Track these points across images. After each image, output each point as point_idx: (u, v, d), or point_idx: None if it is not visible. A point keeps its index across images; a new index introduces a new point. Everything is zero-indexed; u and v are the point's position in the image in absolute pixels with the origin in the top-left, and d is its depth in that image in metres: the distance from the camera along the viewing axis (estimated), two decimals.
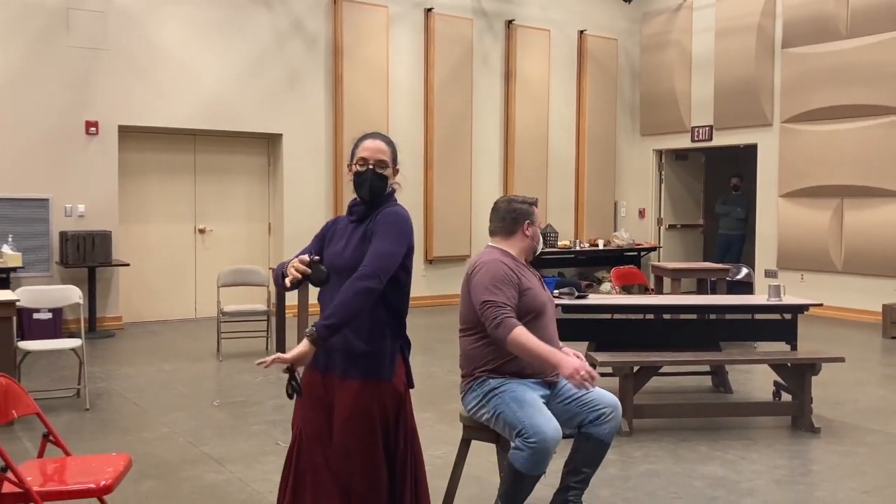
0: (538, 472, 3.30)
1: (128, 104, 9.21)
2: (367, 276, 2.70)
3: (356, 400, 2.77)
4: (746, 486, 4.27)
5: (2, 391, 3.21)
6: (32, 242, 8.74)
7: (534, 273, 3.71)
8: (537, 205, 3.80)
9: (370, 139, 2.97)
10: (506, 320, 3.38)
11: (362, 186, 2.91)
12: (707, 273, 9.32)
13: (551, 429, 3.26)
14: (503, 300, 3.44)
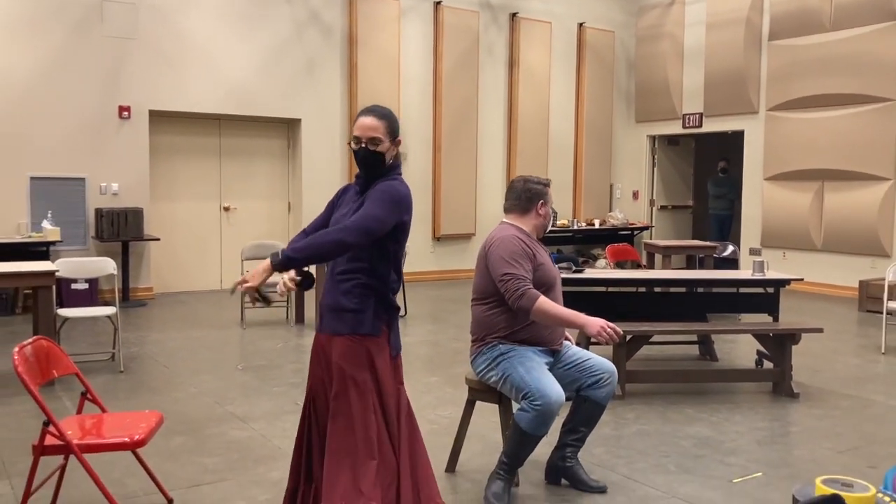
0: (541, 432, 3.32)
1: (158, 90, 9.20)
2: (346, 228, 2.61)
3: (345, 356, 2.70)
4: (730, 445, 4.28)
5: (43, 353, 3.23)
6: (70, 218, 8.76)
7: (545, 249, 3.70)
8: (550, 185, 3.76)
9: (362, 116, 2.82)
10: (528, 292, 3.38)
11: (358, 164, 2.82)
12: (696, 250, 9.30)
13: (555, 392, 3.27)
14: (522, 273, 3.43)
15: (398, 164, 2.88)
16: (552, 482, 3.68)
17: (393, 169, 2.84)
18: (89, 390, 3.40)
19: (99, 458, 3.71)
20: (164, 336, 7.08)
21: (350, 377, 2.68)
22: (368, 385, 2.70)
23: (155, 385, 5.42)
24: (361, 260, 2.74)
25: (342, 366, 2.70)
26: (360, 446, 2.68)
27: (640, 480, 3.74)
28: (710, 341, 6.43)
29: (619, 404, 5.01)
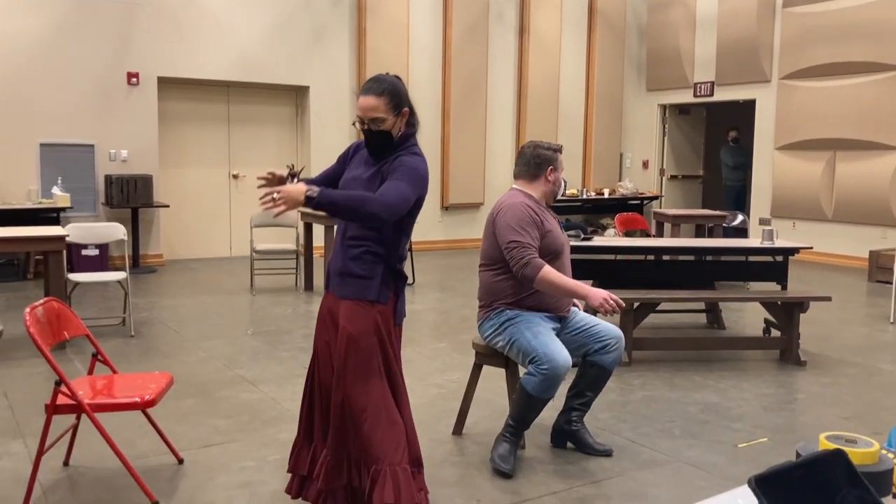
0: (548, 395, 3.34)
1: (166, 57, 9.16)
2: (384, 204, 2.56)
3: (350, 320, 2.69)
4: (737, 411, 4.30)
5: (54, 314, 3.26)
6: (80, 185, 8.78)
7: (554, 216, 3.68)
8: (561, 151, 3.72)
9: (363, 95, 2.72)
10: (532, 261, 3.37)
11: (368, 145, 2.78)
12: (705, 219, 9.26)
13: (562, 357, 3.28)
14: (528, 241, 3.41)
15: (410, 133, 2.80)
16: (557, 445, 3.70)
17: (406, 141, 2.77)
18: (100, 352, 3.43)
19: (110, 419, 3.75)
20: (175, 302, 7.13)
21: (355, 340, 2.69)
22: (374, 350, 2.70)
23: (165, 349, 5.47)
24: (373, 228, 2.73)
25: (348, 329, 2.70)
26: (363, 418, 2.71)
27: (646, 445, 3.76)
28: (717, 310, 6.43)
29: (626, 371, 5.03)
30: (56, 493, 3.15)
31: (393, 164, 2.70)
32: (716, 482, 3.28)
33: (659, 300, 5.39)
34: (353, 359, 2.69)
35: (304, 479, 2.85)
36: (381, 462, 2.62)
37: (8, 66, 8.33)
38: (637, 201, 12.40)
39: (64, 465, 3.42)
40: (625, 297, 5.18)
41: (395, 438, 2.67)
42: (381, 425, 2.66)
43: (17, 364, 4.99)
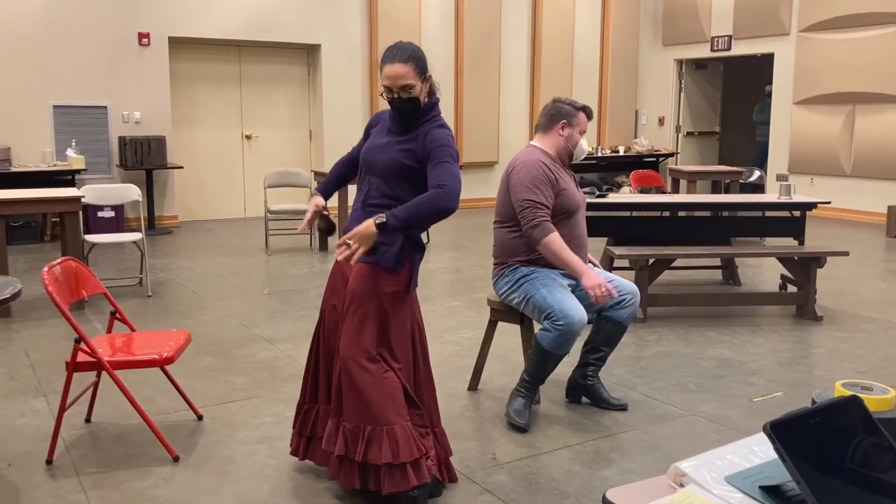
0: (563, 351, 3.35)
1: (177, 16, 9.10)
2: (445, 195, 2.55)
3: (362, 279, 2.68)
4: (752, 366, 4.30)
5: (72, 273, 3.29)
6: (94, 147, 8.80)
7: (570, 175, 3.64)
8: (588, 112, 3.62)
9: (389, 64, 2.65)
10: (543, 224, 3.35)
11: (397, 114, 2.72)
12: (721, 176, 9.17)
13: (578, 313, 3.28)
14: (541, 200, 3.39)
15: (435, 101, 2.76)
16: (573, 400, 3.73)
17: (432, 109, 2.74)
18: (118, 310, 3.47)
19: (130, 376, 3.81)
20: (191, 262, 7.18)
21: (358, 298, 2.66)
22: (373, 312, 2.66)
23: (183, 309, 5.52)
24: (394, 194, 2.71)
25: (353, 287, 2.69)
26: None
27: (660, 399, 3.78)
28: (733, 266, 6.40)
29: (641, 327, 5.04)
30: (78, 448, 3.21)
31: (427, 143, 2.67)
32: (730, 435, 3.30)
33: (674, 256, 5.37)
34: (350, 314, 2.67)
35: (309, 441, 2.88)
36: (377, 423, 2.58)
37: (20, 29, 8.31)
38: (653, 158, 12.29)
39: (86, 421, 3.48)
40: (639, 254, 5.18)
41: (391, 398, 2.62)
42: (377, 386, 2.61)
43: (36, 324, 5.06)
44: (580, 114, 3.60)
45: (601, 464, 3.08)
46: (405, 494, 2.57)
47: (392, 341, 2.71)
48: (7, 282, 2.93)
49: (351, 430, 2.62)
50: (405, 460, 2.56)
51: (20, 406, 3.67)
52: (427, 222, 2.61)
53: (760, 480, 1.22)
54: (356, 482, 2.63)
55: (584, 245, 3.58)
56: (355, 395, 2.62)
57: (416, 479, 2.57)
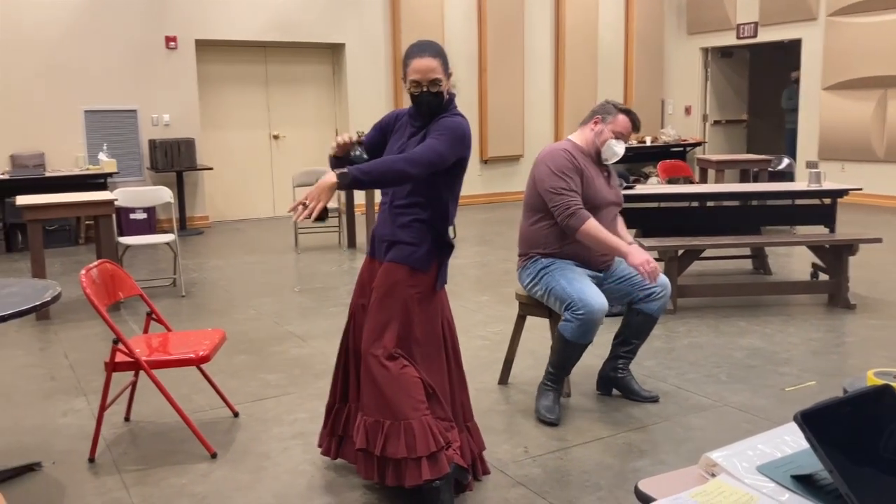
0: (585, 340, 3.35)
1: (203, 19, 9.20)
2: (410, 160, 2.54)
3: (389, 278, 2.70)
4: (784, 355, 4.27)
5: (108, 275, 3.35)
6: (125, 150, 8.94)
7: (602, 171, 3.59)
8: (631, 117, 3.58)
9: (419, 58, 2.66)
10: (578, 211, 3.35)
11: (419, 108, 2.72)
12: (750, 164, 9.08)
13: (598, 301, 3.28)
14: (572, 186, 3.39)
15: (453, 95, 2.79)
16: (604, 393, 3.73)
17: (451, 103, 2.77)
18: (154, 311, 3.53)
19: (167, 375, 3.88)
20: (222, 262, 7.27)
21: (386, 294, 2.68)
22: (396, 310, 2.68)
23: (216, 308, 5.60)
24: (421, 194, 2.72)
25: (379, 286, 2.71)
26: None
27: (692, 390, 3.77)
28: (763, 255, 6.35)
29: (671, 318, 5.02)
30: (119, 446, 3.29)
31: (431, 127, 2.70)
32: (762, 425, 3.28)
33: (703, 247, 5.34)
34: (375, 311, 2.69)
35: (341, 440, 2.91)
36: (395, 417, 2.59)
37: (50, 36, 8.45)
38: (680, 148, 12.20)
39: (125, 420, 3.55)
40: (668, 245, 5.16)
41: (408, 393, 2.62)
42: (394, 382, 2.63)
43: (74, 325, 5.16)
44: (619, 115, 3.56)
45: (633, 456, 3.08)
46: (428, 485, 2.59)
47: (417, 340, 2.73)
48: (46, 285, 3.00)
49: (371, 424, 2.65)
50: (422, 454, 2.56)
51: (62, 406, 3.75)
52: (388, 182, 2.59)
53: (792, 470, 1.23)
54: (374, 476, 2.67)
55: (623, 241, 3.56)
56: (374, 390, 2.65)
57: (431, 472, 2.56)
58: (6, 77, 8.31)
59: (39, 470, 3.07)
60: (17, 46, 8.31)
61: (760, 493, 1.16)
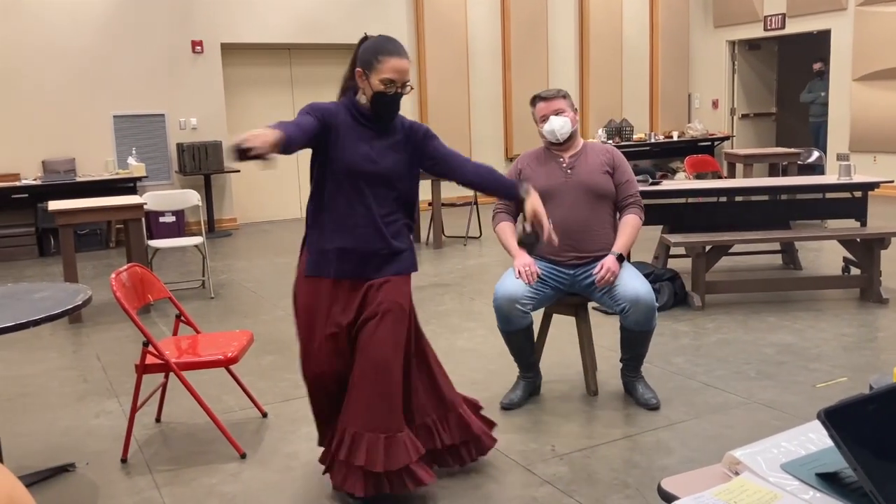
0: (505, 328, 3.48)
1: (228, 23, 9.29)
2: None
3: (400, 292, 2.66)
4: (815, 351, 4.22)
5: (138, 278, 3.41)
6: (153, 154, 9.06)
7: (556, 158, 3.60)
8: (533, 99, 3.66)
9: (396, 57, 2.59)
10: (496, 215, 3.66)
11: (385, 108, 2.63)
12: (778, 158, 8.98)
13: (501, 288, 3.43)
14: None
15: None
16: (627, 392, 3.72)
17: None
18: (183, 313, 3.58)
19: (196, 377, 3.93)
20: (250, 264, 7.34)
21: (402, 310, 2.67)
22: (408, 322, 2.72)
23: (244, 309, 5.66)
24: (406, 198, 2.74)
25: (396, 301, 2.64)
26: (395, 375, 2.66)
27: (720, 387, 3.74)
28: (793, 250, 6.28)
29: (699, 315, 4.99)
30: (150, 447, 3.34)
31: (437, 143, 2.80)
32: (792, 422, 3.25)
33: (730, 242, 5.30)
34: (391, 324, 2.62)
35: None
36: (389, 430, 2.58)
37: (79, 42, 8.59)
38: (707, 143, 12.09)
39: (156, 421, 3.61)
40: (695, 241, 5.12)
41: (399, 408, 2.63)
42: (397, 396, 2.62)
43: (105, 328, 5.25)
44: (538, 102, 3.64)
45: (661, 453, 3.07)
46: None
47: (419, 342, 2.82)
48: (78, 289, 3.06)
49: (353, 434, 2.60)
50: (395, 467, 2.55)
51: (94, 407, 3.82)
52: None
53: (817, 468, 1.22)
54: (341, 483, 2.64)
55: (561, 232, 3.31)
56: (378, 401, 2.59)
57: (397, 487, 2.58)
58: (37, 84, 8.45)
59: (73, 471, 3.13)
60: (47, 54, 8.46)
61: (784, 491, 1.16)
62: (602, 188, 3.54)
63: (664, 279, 5.21)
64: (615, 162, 3.62)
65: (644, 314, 3.38)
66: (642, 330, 3.43)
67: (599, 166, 3.58)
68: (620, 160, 3.65)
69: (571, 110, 3.60)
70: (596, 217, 3.53)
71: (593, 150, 3.64)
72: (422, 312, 5.36)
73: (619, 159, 3.65)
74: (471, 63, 10.78)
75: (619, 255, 3.47)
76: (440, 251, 7.65)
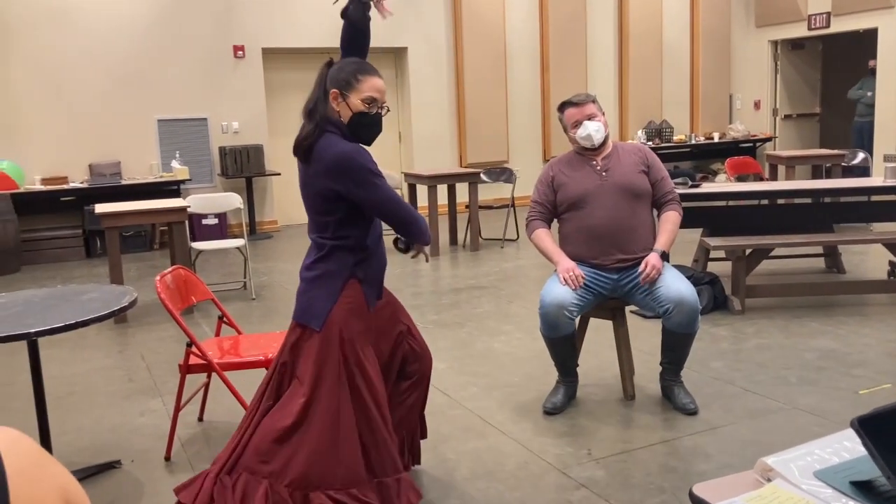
0: (550, 335, 3.47)
1: (269, 28, 9.43)
2: None
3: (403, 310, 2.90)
4: (857, 357, 4.16)
5: (182, 280, 3.49)
6: (196, 157, 9.23)
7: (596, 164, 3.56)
8: (562, 105, 3.67)
9: (376, 76, 2.60)
10: (530, 222, 3.68)
11: (371, 130, 2.62)
12: (822, 159, 8.83)
13: (549, 295, 3.41)
14: (536, 198, 3.66)
15: None
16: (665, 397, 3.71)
17: None
18: (225, 314, 3.66)
19: (239, 377, 4.00)
20: (291, 265, 7.43)
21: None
22: None
23: (285, 310, 5.74)
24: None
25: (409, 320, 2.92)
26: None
27: (760, 392, 3.71)
28: (836, 253, 6.18)
29: (739, 319, 4.94)
30: (193, 445, 3.42)
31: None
32: (833, 429, 3.19)
33: (771, 246, 5.24)
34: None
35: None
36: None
37: (125, 48, 8.79)
38: (749, 144, 11.93)
39: (198, 420, 3.69)
40: (735, 245, 5.07)
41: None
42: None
43: (150, 328, 5.37)
44: (561, 110, 3.67)
45: (698, 459, 3.06)
46: None
47: None
48: (124, 291, 3.15)
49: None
50: None
51: (139, 406, 3.92)
52: None
53: (851, 476, 1.22)
54: None
55: (603, 236, 3.45)
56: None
57: None
58: (84, 89, 8.67)
59: (119, 468, 3.22)
60: (94, 60, 8.67)
61: (817, 499, 1.16)
62: (639, 187, 3.54)
63: (703, 283, 5.17)
64: (648, 160, 3.62)
65: (688, 316, 3.37)
66: (685, 332, 3.42)
67: (633, 166, 3.58)
68: (653, 158, 3.65)
69: (601, 114, 3.62)
70: (636, 217, 3.52)
71: (625, 151, 3.64)
72: (459, 314, 5.39)
73: (651, 157, 3.64)
74: (509, 65, 10.78)
75: (662, 251, 3.47)
76: (477, 254, 7.67)
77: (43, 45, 8.45)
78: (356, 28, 2.75)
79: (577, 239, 3.55)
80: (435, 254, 7.66)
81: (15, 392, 4.20)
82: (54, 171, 8.58)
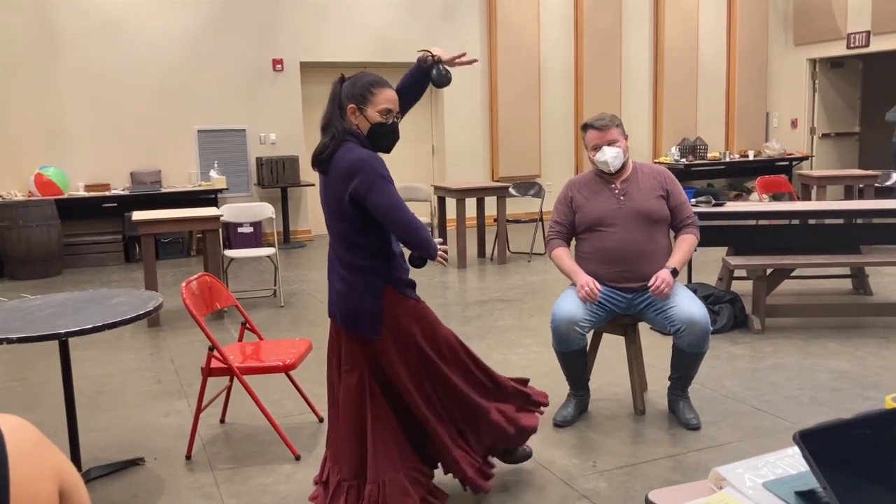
0: (562, 348, 3.54)
1: (307, 42, 9.65)
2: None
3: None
4: (872, 379, 4.15)
5: (207, 287, 3.64)
6: (234, 167, 9.47)
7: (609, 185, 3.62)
8: (585, 127, 3.70)
9: (389, 88, 2.76)
10: (550, 241, 3.75)
11: (390, 138, 2.76)
12: (854, 180, 8.75)
13: (560, 310, 3.48)
14: (555, 218, 3.74)
15: None
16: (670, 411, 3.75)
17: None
18: (247, 320, 3.80)
19: (261, 381, 4.15)
20: (321, 275, 7.59)
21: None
22: None
23: (312, 318, 5.88)
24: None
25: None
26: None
27: (769, 412, 3.73)
28: (863, 275, 6.14)
29: (757, 338, 4.95)
30: (213, 446, 3.56)
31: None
32: None
33: (792, 266, 5.24)
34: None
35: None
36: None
37: (167, 60, 9.07)
38: (785, 162, 11.84)
39: (220, 422, 3.83)
40: (756, 264, 5.09)
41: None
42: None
43: (181, 332, 5.55)
44: (586, 131, 3.69)
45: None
46: None
47: None
48: (151, 296, 3.30)
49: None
50: None
51: (165, 407, 4.08)
52: None
53: (797, 486, 1.29)
54: None
55: (619, 259, 3.53)
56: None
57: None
58: (128, 100, 8.97)
59: (142, 465, 3.37)
60: (137, 71, 8.96)
61: None
62: (657, 213, 3.57)
63: (724, 301, 5.19)
64: (668, 185, 3.65)
65: (698, 336, 3.42)
66: (695, 352, 3.47)
67: (652, 190, 3.61)
68: (673, 182, 3.68)
69: (623, 137, 3.63)
70: (652, 242, 3.57)
71: (643, 174, 3.67)
72: (480, 327, 5.48)
73: (671, 181, 3.67)
74: (542, 80, 10.86)
75: (674, 269, 3.53)
76: (504, 267, 7.75)
77: (92, 57, 8.77)
78: (427, 84, 3.10)
79: (594, 259, 3.61)
80: (462, 266, 7.76)
81: (48, 390, 4.40)
82: (97, 178, 8.88)
